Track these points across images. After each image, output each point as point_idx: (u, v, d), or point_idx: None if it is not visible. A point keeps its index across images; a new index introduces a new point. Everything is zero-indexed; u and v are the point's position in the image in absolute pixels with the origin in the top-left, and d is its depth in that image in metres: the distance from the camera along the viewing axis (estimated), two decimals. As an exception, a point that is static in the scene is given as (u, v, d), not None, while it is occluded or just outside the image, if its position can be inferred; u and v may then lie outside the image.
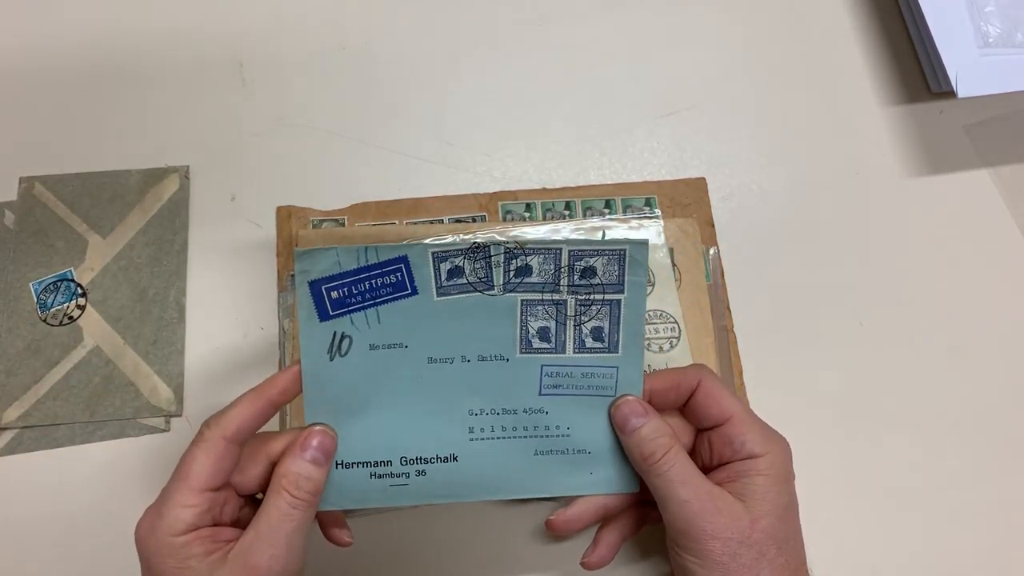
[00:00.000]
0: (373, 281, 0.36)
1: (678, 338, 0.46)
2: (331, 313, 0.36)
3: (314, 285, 0.35)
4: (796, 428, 0.47)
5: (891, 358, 0.49)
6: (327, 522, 0.39)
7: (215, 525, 0.34)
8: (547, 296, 0.37)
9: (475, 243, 0.35)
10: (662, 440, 0.36)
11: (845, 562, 0.45)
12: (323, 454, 0.35)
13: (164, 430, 0.47)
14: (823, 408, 0.48)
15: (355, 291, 0.36)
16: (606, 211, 0.50)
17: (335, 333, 0.36)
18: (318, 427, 0.36)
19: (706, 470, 0.37)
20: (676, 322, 0.47)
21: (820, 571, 0.44)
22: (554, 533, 0.40)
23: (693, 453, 0.38)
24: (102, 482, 0.46)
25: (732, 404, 0.37)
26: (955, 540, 0.45)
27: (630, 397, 0.38)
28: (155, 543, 0.33)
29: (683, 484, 0.35)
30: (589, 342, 0.37)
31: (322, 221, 0.50)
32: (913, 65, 0.56)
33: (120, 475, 0.46)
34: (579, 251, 0.36)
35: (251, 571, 0.33)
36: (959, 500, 0.46)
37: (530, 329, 0.37)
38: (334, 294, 0.36)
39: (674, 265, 0.48)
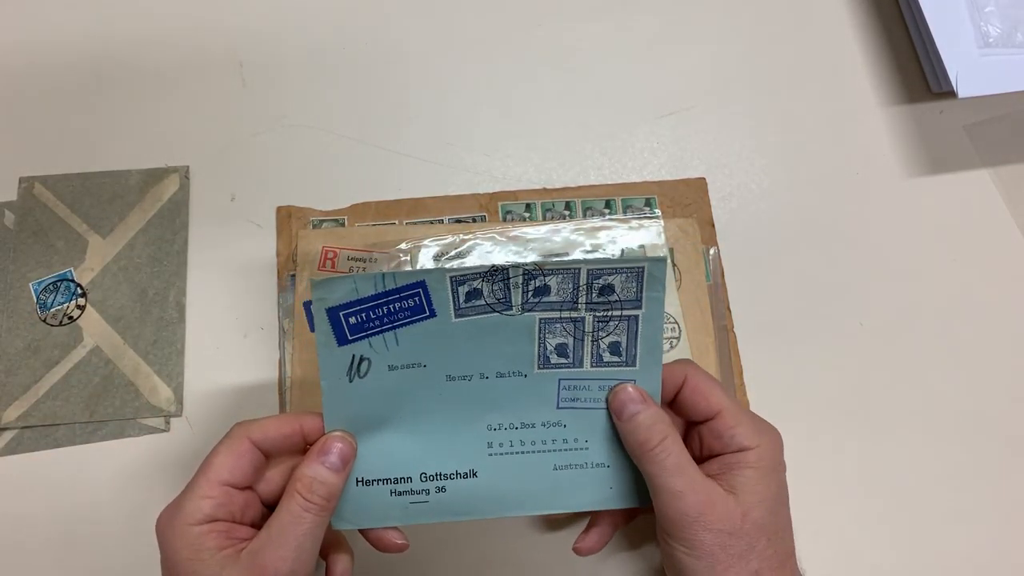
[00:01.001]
0: (392, 306, 0.35)
1: (678, 338, 0.46)
2: (349, 338, 0.36)
3: (332, 312, 0.35)
4: (796, 428, 0.47)
5: (891, 358, 0.49)
6: (375, 534, 0.38)
7: (233, 522, 0.35)
8: (565, 314, 0.37)
9: (493, 266, 0.35)
10: (659, 427, 0.36)
11: (845, 562, 0.45)
12: (340, 460, 0.35)
13: (164, 430, 0.47)
14: (823, 408, 0.48)
15: (373, 315, 0.35)
16: (606, 211, 0.50)
17: (354, 356, 0.36)
18: (338, 434, 0.36)
19: (697, 462, 0.37)
20: (676, 322, 0.47)
21: (820, 571, 0.45)
22: (582, 556, 0.40)
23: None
24: (102, 482, 0.46)
25: (720, 398, 0.37)
26: (955, 540, 0.45)
27: (628, 385, 0.37)
28: (172, 533, 0.34)
29: (678, 474, 0.35)
30: (607, 356, 0.37)
31: (322, 221, 0.50)
32: (913, 65, 0.56)
33: (120, 475, 0.46)
34: (598, 270, 0.36)
35: (258, 571, 0.33)
36: (959, 500, 0.46)
37: (548, 346, 0.37)
38: (352, 320, 0.35)
39: (674, 265, 0.48)
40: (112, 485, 0.46)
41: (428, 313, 0.36)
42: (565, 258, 0.47)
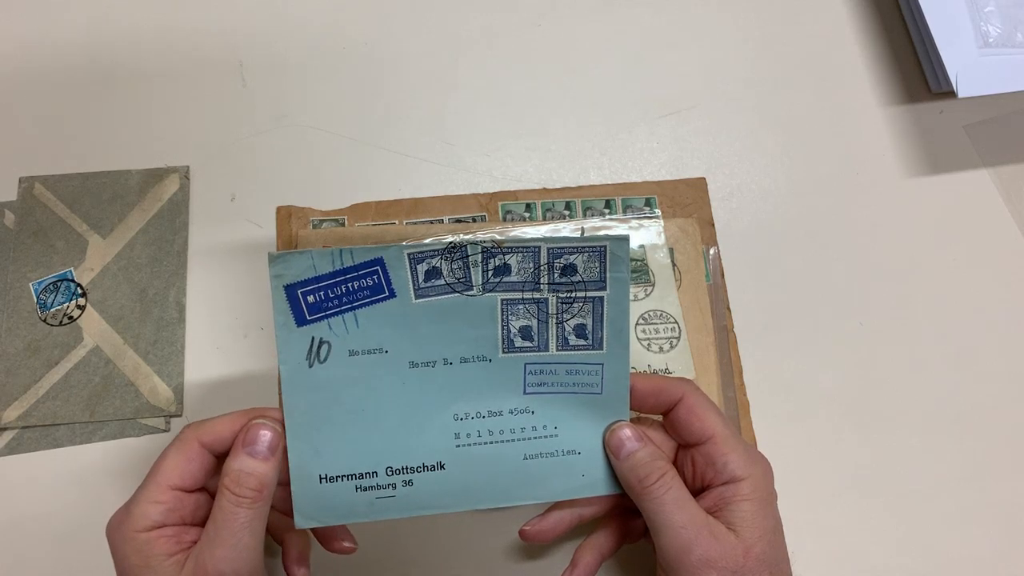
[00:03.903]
0: (350, 284, 0.35)
1: (678, 338, 0.46)
2: (308, 318, 0.35)
3: (290, 289, 0.35)
4: (796, 428, 0.47)
5: (891, 358, 0.49)
6: (324, 534, 0.38)
7: (183, 525, 0.34)
8: (527, 295, 0.36)
9: (451, 243, 0.35)
10: (658, 463, 0.36)
11: (844, 561, 0.45)
12: (267, 448, 0.34)
13: (164, 430, 0.47)
14: (823, 408, 0.48)
15: (332, 295, 0.35)
16: (606, 211, 0.50)
17: (313, 339, 0.35)
18: (261, 420, 0.35)
19: (691, 493, 0.37)
20: (676, 322, 0.47)
21: (820, 571, 0.45)
22: (528, 542, 0.39)
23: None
24: (102, 482, 0.46)
25: (715, 423, 0.36)
26: (955, 540, 0.45)
27: (624, 422, 0.37)
28: (121, 538, 0.33)
29: (679, 509, 0.35)
30: (572, 339, 0.37)
31: (322, 221, 0.50)
32: (913, 65, 0.56)
33: (120, 475, 0.46)
34: (559, 249, 0.35)
35: (200, 573, 0.33)
36: (959, 500, 0.46)
37: (512, 328, 0.36)
38: (310, 298, 0.35)
39: (674, 265, 0.48)
40: (112, 485, 0.46)
41: (388, 293, 0.35)
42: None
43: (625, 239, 0.36)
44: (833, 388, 0.48)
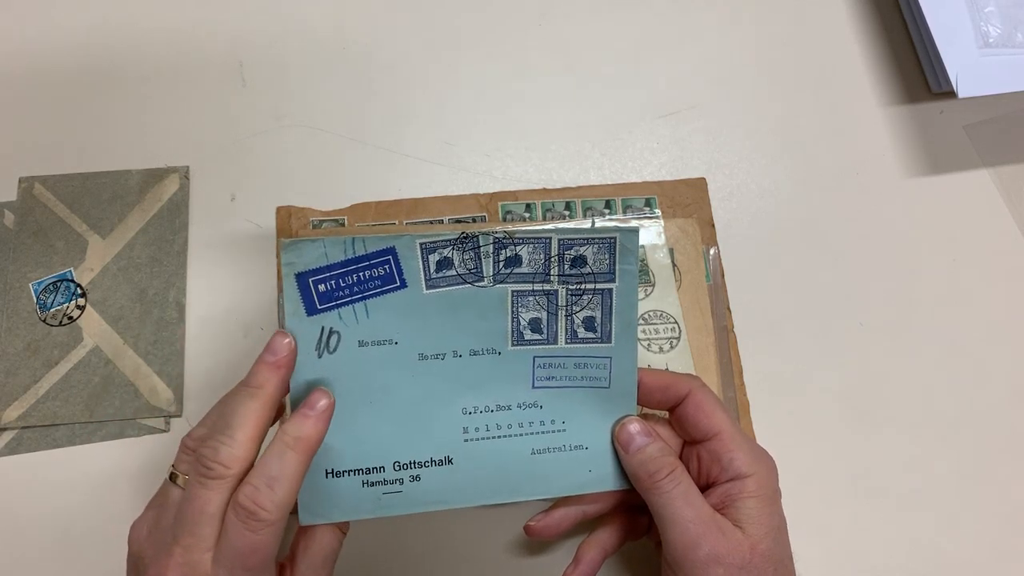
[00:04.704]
0: (361, 274, 0.35)
1: (678, 338, 0.46)
2: (319, 307, 0.35)
3: (301, 278, 0.35)
4: (796, 428, 0.47)
5: (891, 358, 0.49)
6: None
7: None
8: (538, 286, 0.36)
9: (463, 233, 0.35)
10: (669, 459, 0.36)
11: (845, 562, 0.45)
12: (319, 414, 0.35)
13: (164, 431, 0.47)
14: (823, 408, 0.48)
15: (343, 284, 0.35)
16: (606, 211, 0.50)
17: (323, 328, 0.35)
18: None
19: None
20: (676, 322, 0.47)
21: (820, 571, 0.45)
22: (533, 538, 0.39)
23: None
24: (102, 482, 0.46)
25: (721, 420, 0.37)
26: (955, 540, 0.45)
27: (633, 417, 0.38)
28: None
29: (688, 504, 0.35)
30: (581, 332, 0.37)
31: (322, 221, 0.50)
32: (913, 65, 0.56)
33: (120, 476, 0.46)
34: (569, 240, 0.35)
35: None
36: (959, 500, 0.46)
37: (521, 320, 0.36)
38: (321, 287, 0.35)
39: (674, 265, 0.48)
40: (112, 485, 0.46)
41: (399, 284, 0.35)
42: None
43: (635, 231, 0.36)
44: (833, 388, 0.48)
